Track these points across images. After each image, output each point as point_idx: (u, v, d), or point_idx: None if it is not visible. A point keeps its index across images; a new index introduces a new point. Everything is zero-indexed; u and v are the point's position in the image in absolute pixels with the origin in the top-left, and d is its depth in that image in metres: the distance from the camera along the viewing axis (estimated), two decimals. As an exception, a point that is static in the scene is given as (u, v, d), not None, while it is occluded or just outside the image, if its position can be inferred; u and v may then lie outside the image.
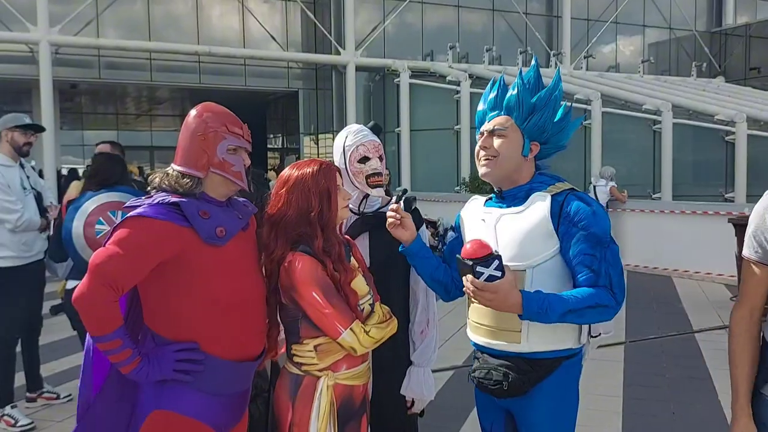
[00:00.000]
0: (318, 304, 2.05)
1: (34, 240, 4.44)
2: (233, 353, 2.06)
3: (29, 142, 4.41)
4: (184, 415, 2.01)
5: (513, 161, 2.19)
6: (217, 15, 17.40)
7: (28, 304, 4.47)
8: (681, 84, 19.59)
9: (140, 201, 2.03)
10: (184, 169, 2.06)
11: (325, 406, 2.09)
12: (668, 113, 14.09)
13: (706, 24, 23.53)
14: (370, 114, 17.79)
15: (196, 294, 1.99)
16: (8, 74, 15.30)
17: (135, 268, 1.92)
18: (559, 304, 1.99)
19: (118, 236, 1.92)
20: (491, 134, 2.21)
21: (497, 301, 1.97)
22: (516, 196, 2.20)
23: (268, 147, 24.79)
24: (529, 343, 2.11)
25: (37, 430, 4.23)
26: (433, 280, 2.39)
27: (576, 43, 20.08)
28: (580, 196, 2.16)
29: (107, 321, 1.88)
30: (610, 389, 4.88)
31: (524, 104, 2.20)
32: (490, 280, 1.95)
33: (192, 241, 1.97)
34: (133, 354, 1.92)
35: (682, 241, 9.75)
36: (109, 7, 15.76)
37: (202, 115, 2.11)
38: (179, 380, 1.99)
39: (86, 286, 1.88)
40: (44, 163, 13.57)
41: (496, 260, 1.95)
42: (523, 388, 2.12)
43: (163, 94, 21.39)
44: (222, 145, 2.07)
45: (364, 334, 2.08)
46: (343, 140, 2.52)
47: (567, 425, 2.20)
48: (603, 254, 2.06)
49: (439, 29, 18.78)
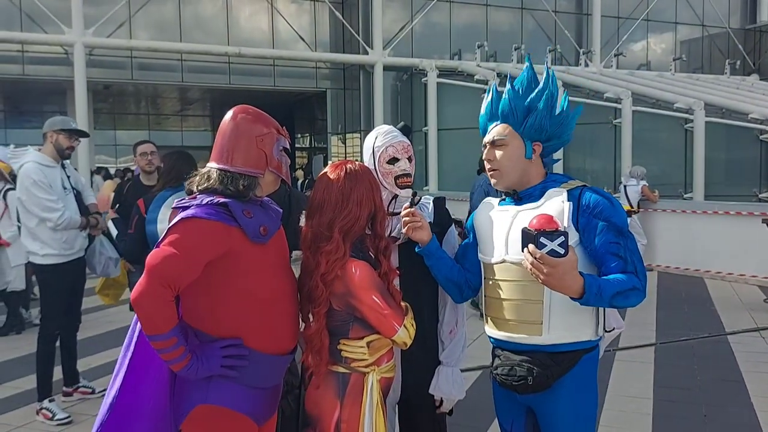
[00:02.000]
0: (378, 306, 2.12)
1: (75, 238, 4.55)
2: (272, 348, 2.13)
3: (72, 146, 4.52)
4: (228, 408, 2.07)
5: (518, 168, 2.26)
6: (246, 16, 17.57)
7: (67, 300, 4.59)
8: (714, 82, 19.23)
9: (188, 201, 2.10)
10: (243, 169, 2.11)
11: (378, 399, 2.16)
12: (701, 112, 13.85)
13: (740, 21, 23.03)
14: (398, 113, 17.80)
15: (239, 290, 2.06)
16: (44, 75, 15.66)
17: (190, 268, 1.98)
18: (608, 287, 2.03)
19: (173, 237, 1.98)
20: (492, 145, 2.29)
21: (554, 276, 1.93)
22: (531, 195, 2.26)
23: (296, 146, 24.97)
24: (551, 336, 2.15)
25: (74, 423, 4.35)
26: (448, 280, 2.42)
27: (606, 41, 19.82)
28: (595, 189, 2.23)
29: (165, 320, 1.94)
30: (641, 391, 4.84)
31: (517, 109, 2.26)
32: (552, 255, 1.92)
33: (239, 240, 2.04)
34: (185, 352, 1.98)
35: (715, 242, 9.60)
36: (141, 9, 16.03)
37: (249, 117, 2.17)
38: (225, 375, 2.05)
39: (145, 287, 1.92)
40: (78, 162, 13.84)
41: (561, 236, 1.92)
42: (547, 382, 2.16)
43: (194, 95, 21.67)
44: (276, 146, 2.19)
45: (412, 328, 2.17)
46: (372, 141, 2.54)
47: (589, 419, 2.24)
48: (626, 243, 2.13)
49: (467, 28, 18.69)
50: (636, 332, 6.33)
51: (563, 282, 1.95)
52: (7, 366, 5.68)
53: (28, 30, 14.75)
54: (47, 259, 4.43)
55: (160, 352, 1.97)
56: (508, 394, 2.29)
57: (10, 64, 15.18)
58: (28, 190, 4.34)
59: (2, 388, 5.10)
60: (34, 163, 4.38)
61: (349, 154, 18.53)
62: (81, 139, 4.65)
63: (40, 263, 4.45)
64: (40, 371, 4.45)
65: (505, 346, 2.27)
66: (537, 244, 1.92)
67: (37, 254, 4.44)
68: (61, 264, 4.47)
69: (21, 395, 4.86)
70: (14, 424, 4.38)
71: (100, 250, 4.73)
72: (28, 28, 14.77)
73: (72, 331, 4.75)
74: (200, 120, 27.07)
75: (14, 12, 14.68)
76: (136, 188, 4.91)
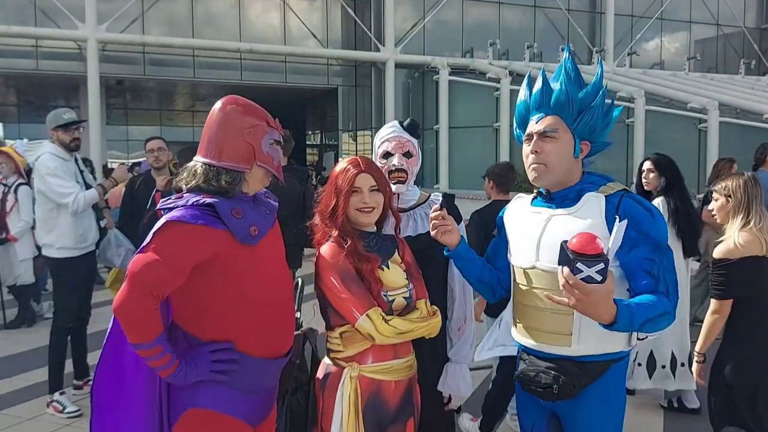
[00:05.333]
0: (336, 289, 2.09)
1: (89, 230, 4.56)
2: (264, 351, 2.06)
3: (75, 137, 4.48)
4: (219, 411, 2.02)
5: (564, 166, 2.09)
6: (258, 12, 17.60)
7: (79, 294, 4.61)
8: (728, 82, 19.06)
9: (173, 202, 2.00)
10: (228, 164, 2.00)
11: (349, 395, 2.10)
12: (714, 111, 13.74)
13: (755, 20, 22.81)
14: (409, 111, 17.77)
15: (229, 294, 1.98)
16: (57, 70, 15.76)
17: (173, 274, 1.90)
18: (639, 314, 1.88)
19: (156, 243, 1.89)
20: (541, 137, 2.10)
21: (585, 304, 1.78)
22: (567, 197, 2.11)
23: (307, 143, 24.98)
24: (580, 347, 2.05)
25: (84, 417, 4.37)
26: (480, 282, 2.35)
27: (619, 39, 19.70)
28: (636, 198, 2.07)
29: (148, 329, 1.87)
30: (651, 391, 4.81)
31: (573, 102, 2.09)
32: (587, 281, 1.76)
33: (227, 243, 1.95)
34: (173, 359, 1.92)
35: (727, 243, 9.50)
36: (154, 5, 16.09)
37: (238, 108, 2.06)
38: (215, 380, 1.99)
39: (126, 295, 1.86)
40: (91, 157, 13.90)
41: (601, 263, 1.75)
42: (573, 391, 2.05)
43: (206, 91, 21.70)
44: (266, 138, 2.06)
45: (382, 321, 2.06)
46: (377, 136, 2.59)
47: (615, 427, 2.15)
48: (661, 259, 1.99)
49: (479, 26, 18.63)
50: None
51: (596, 309, 1.81)
52: (18, 358, 5.72)
53: (41, 25, 14.84)
54: (62, 252, 4.43)
55: (146, 360, 1.91)
56: (532, 397, 2.19)
57: (24, 59, 15.29)
58: (44, 179, 4.32)
59: (13, 380, 5.13)
60: (50, 154, 4.38)
61: (360, 151, 18.52)
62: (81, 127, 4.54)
63: (56, 256, 4.46)
64: (52, 364, 4.47)
65: (531, 352, 2.16)
66: (573, 269, 1.76)
67: (52, 247, 4.44)
68: (76, 257, 4.48)
69: (31, 388, 4.89)
70: (25, 416, 4.40)
71: (116, 242, 4.75)
72: (42, 24, 14.86)
73: (82, 324, 4.77)
74: (211, 116, 27.13)
75: (28, 7, 14.77)
76: (147, 184, 4.92)
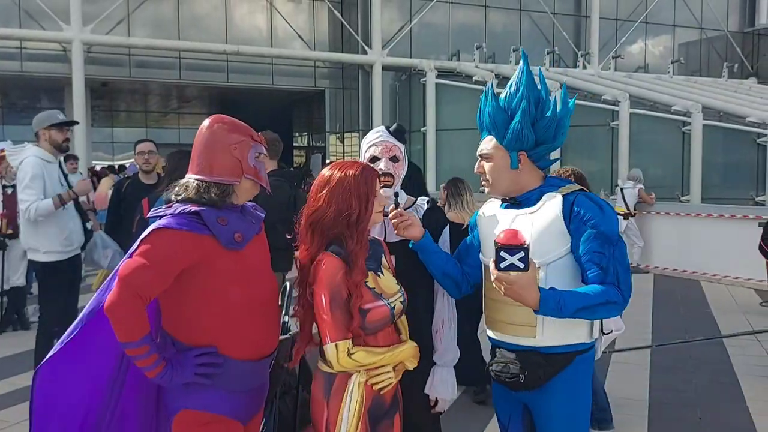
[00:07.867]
0: (321, 308, 2.10)
1: (75, 233, 4.55)
2: (249, 353, 2.17)
3: (67, 138, 4.52)
4: (211, 412, 2.13)
5: (505, 179, 2.30)
6: (244, 14, 17.53)
7: (65, 297, 4.59)
8: (712, 85, 19.25)
9: (162, 211, 2.14)
10: (218, 178, 2.16)
11: (357, 402, 2.13)
12: (698, 115, 13.88)
13: (738, 24, 23.08)
14: (396, 113, 17.80)
15: (213, 299, 2.11)
16: (42, 72, 15.63)
17: (160, 278, 2.03)
18: (572, 302, 2.06)
19: (144, 248, 2.04)
20: (482, 157, 2.35)
21: (512, 292, 2.02)
22: (530, 199, 2.29)
23: (294, 145, 24.95)
24: (544, 338, 2.21)
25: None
26: (444, 275, 2.45)
27: (604, 43, 19.85)
28: (590, 195, 2.24)
29: (136, 329, 1.99)
30: (636, 393, 4.86)
31: (497, 122, 2.29)
32: (512, 269, 1.99)
33: (212, 248, 2.08)
34: (159, 359, 2.03)
35: (711, 245, 9.62)
36: (139, 6, 16.00)
37: (225, 126, 2.23)
38: (199, 383, 2.10)
39: (117, 296, 1.99)
40: (76, 159, 13.81)
41: (521, 252, 1.98)
42: (539, 381, 2.22)
43: (192, 93, 21.66)
44: (251, 152, 2.22)
45: (346, 355, 2.08)
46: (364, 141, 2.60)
47: (582, 418, 2.29)
48: (611, 252, 2.14)
49: (466, 29, 18.70)
50: (632, 335, 6.34)
51: (521, 296, 2.02)
52: (3, 363, 5.68)
53: (26, 26, 14.71)
54: (49, 257, 4.43)
55: (134, 359, 2.03)
56: (505, 390, 2.35)
57: (8, 60, 15.15)
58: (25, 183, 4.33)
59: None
60: (35, 157, 4.38)
61: (347, 154, 18.54)
62: (71, 129, 4.63)
63: (42, 260, 4.45)
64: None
65: (501, 344, 2.32)
66: (498, 258, 2.00)
67: (39, 251, 4.44)
68: (61, 261, 4.47)
69: (18, 392, 4.85)
70: (11, 421, 4.38)
71: (103, 244, 4.75)
72: (27, 25, 14.74)
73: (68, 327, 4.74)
74: (198, 118, 26.92)
75: (12, 8, 14.65)
76: (135, 187, 4.91)
